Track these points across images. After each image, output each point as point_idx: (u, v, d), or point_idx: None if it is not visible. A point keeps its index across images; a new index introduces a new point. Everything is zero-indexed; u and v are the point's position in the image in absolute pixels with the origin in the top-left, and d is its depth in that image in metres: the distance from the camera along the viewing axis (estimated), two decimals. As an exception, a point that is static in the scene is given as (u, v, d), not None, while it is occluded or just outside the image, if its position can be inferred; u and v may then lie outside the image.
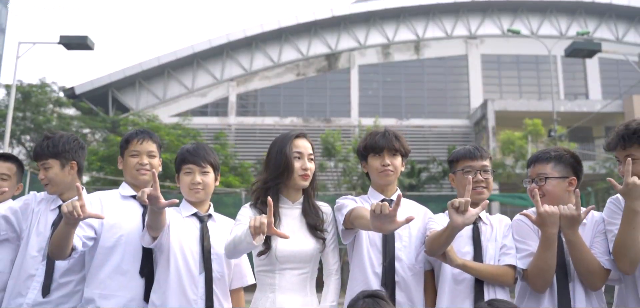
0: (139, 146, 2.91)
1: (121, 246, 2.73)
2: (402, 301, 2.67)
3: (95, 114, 27.93)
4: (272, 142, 2.80)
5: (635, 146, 2.55)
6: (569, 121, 28.51)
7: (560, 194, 2.68)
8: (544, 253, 2.51)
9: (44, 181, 2.94)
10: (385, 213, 2.18)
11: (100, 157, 21.98)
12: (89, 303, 2.68)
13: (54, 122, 25.46)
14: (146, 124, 23.23)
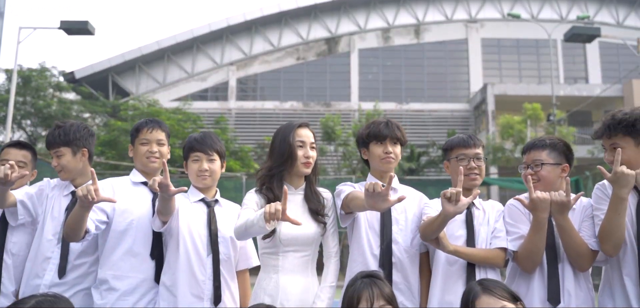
0: (149, 135, 3.05)
1: (132, 230, 2.88)
2: (398, 281, 2.82)
3: (95, 98, 28.00)
4: (276, 131, 2.94)
5: (619, 135, 2.68)
6: (568, 105, 28.61)
7: (554, 179, 2.83)
8: (534, 237, 2.66)
9: (57, 168, 3.09)
10: (379, 192, 2.33)
11: (101, 141, 22.10)
12: (102, 284, 2.84)
13: (54, 106, 25.54)
14: (146, 109, 23.29)
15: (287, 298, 2.66)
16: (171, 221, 2.80)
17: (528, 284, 2.79)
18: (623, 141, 2.68)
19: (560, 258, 2.77)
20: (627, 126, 2.68)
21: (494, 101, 28.68)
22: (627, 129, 2.68)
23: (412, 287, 2.87)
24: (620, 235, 2.56)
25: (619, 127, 2.70)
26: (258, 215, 2.41)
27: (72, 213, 2.60)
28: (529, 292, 2.77)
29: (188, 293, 2.77)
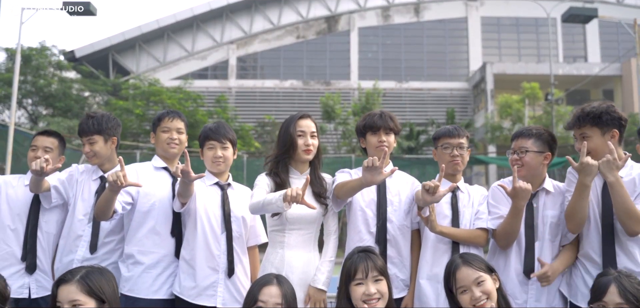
0: (170, 123, 3.40)
1: (155, 211, 3.25)
2: (392, 255, 3.20)
3: (95, 77, 28.22)
4: (282, 123, 3.29)
5: (587, 126, 3.03)
6: (567, 84, 28.86)
7: (536, 166, 3.17)
8: (512, 220, 3.03)
9: (89, 154, 3.44)
10: (376, 166, 2.75)
11: (104, 121, 22.43)
12: (129, 258, 3.21)
13: (54, 85, 25.76)
14: (147, 88, 23.52)
15: (291, 270, 3.02)
16: (190, 203, 3.16)
17: (506, 259, 3.16)
18: (591, 131, 3.03)
19: (537, 236, 3.14)
20: (594, 117, 3.03)
21: (493, 80, 28.93)
22: (594, 121, 3.02)
23: (404, 260, 3.24)
24: (582, 216, 2.92)
25: (587, 118, 3.05)
26: (278, 195, 2.76)
27: (103, 196, 2.96)
28: (507, 265, 3.15)
29: (205, 266, 3.14)
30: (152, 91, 23.05)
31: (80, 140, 3.52)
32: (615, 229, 2.94)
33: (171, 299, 3.20)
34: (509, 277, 3.13)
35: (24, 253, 3.32)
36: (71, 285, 2.27)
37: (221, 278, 3.15)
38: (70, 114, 26.47)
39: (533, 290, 3.10)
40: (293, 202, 2.69)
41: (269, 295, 2.51)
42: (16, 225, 3.36)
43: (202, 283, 3.12)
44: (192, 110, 22.80)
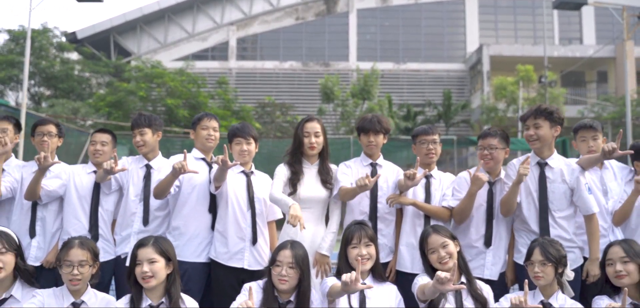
0: (208, 123, 4.30)
1: (195, 192, 4.15)
2: (381, 228, 4.10)
3: (97, 58, 28.91)
4: (296, 125, 4.23)
5: (542, 118, 3.94)
6: (562, 66, 29.69)
7: (501, 159, 4.09)
8: (466, 201, 3.93)
9: (139, 143, 4.33)
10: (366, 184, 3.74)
11: (108, 103, 23.23)
12: (175, 230, 4.12)
13: (57, 67, 26.47)
14: (150, 70, 24.23)
15: (303, 239, 3.94)
16: (222, 187, 4.08)
17: (467, 231, 4.10)
18: (543, 123, 3.94)
19: (494, 215, 4.08)
20: (548, 113, 3.96)
21: (489, 62, 29.70)
22: (546, 115, 3.96)
23: (390, 232, 4.19)
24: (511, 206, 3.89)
25: (543, 113, 3.98)
26: (288, 205, 3.72)
27: (165, 179, 3.88)
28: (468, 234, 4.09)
29: (235, 236, 4.07)
30: (155, 73, 23.77)
31: (132, 132, 4.41)
32: (549, 208, 3.88)
33: (208, 263, 4.13)
34: (472, 246, 4.07)
35: (90, 227, 4.24)
36: (148, 247, 3.21)
37: (247, 245, 4.08)
38: (73, 95, 27.26)
39: (489, 256, 4.05)
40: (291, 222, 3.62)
41: (284, 256, 3.40)
42: (83, 205, 4.28)
43: (233, 249, 4.05)
44: (195, 92, 23.58)
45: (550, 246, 3.37)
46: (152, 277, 3.13)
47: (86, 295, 3.26)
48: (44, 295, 3.19)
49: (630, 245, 3.38)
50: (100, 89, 28.83)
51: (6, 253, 3.22)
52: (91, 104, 24.49)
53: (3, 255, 3.21)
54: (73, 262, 3.18)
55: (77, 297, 3.23)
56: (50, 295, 3.20)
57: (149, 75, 23.78)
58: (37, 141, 4.35)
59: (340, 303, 3.35)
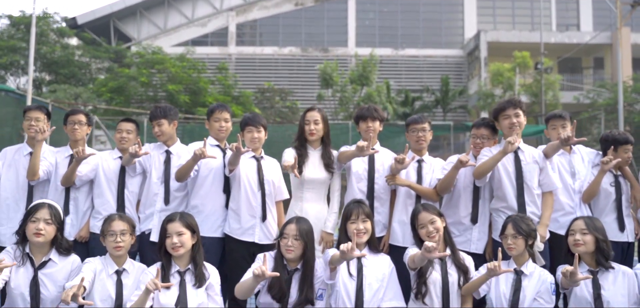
0: (220, 115, 4.81)
1: (211, 175, 4.67)
2: (377, 206, 4.64)
3: (97, 44, 29.29)
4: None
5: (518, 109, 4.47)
6: (559, 52, 30.11)
7: (489, 145, 4.64)
8: (447, 177, 4.42)
9: (158, 133, 4.84)
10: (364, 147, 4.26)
11: (110, 88, 23.70)
12: (194, 208, 4.62)
13: (58, 52, 26.86)
14: (151, 56, 24.64)
15: (308, 216, 4.46)
16: (236, 170, 4.62)
17: (456, 209, 4.64)
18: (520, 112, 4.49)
19: (480, 196, 4.62)
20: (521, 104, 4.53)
21: (487, 48, 30.14)
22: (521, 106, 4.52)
23: (384, 210, 4.73)
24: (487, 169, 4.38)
25: (519, 104, 4.54)
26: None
27: (186, 164, 4.41)
28: (457, 212, 4.63)
29: (247, 214, 4.60)
30: (156, 59, 24.20)
31: (150, 123, 4.93)
32: (524, 186, 4.42)
33: (223, 237, 4.66)
34: (460, 222, 4.61)
35: (117, 206, 4.77)
36: (176, 222, 3.75)
37: (258, 222, 4.61)
38: (73, 80, 27.67)
39: (475, 231, 4.59)
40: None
41: (290, 230, 3.93)
42: (110, 187, 4.80)
43: (245, 226, 4.58)
44: (195, 78, 24.03)
45: (522, 221, 3.91)
46: (180, 247, 3.68)
47: (127, 264, 3.80)
48: (94, 262, 3.74)
49: (592, 221, 3.93)
50: (100, 74, 29.26)
51: (51, 224, 3.77)
52: (93, 89, 24.95)
53: (48, 224, 3.75)
54: (115, 231, 3.72)
55: (119, 265, 3.78)
56: (99, 262, 3.75)
57: (150, 61, 24.21)
58: (69, 129, 4.87)
59: (341, 270, 3.90)
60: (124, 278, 3.74)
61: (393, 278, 4.05)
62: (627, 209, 4.67)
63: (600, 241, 3.81)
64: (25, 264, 3.73)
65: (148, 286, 3.45)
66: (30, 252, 3.78)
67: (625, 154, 4.66)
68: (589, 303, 3.70)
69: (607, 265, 3.77)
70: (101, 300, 3.64)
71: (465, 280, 3.93)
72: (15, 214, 4.73)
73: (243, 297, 3.90)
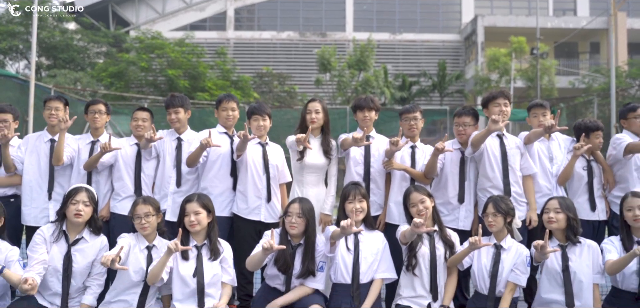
0: (227, 104, 5.26)
1: (220, 160, 5.12)
2: (373, 188, 5.10)
3: (96, 29, 29.55)
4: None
5: (507, 100, 4.97)
6: (556, 37, 30.54)
7: (470, 133, 5.09)
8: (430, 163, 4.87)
9: (174, 121, 5.27)
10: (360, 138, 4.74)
11: (110, 74, 24.06)
12: (203, 190, 5.03)
13: (57, 37, 27.15)
14: (150, 41, 24.96)
15: (308, 196, 4.94)
16: (243, 155, 5.08)
17: (446, 190, 5.12)
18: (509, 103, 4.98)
19: (466, 177, 5.09)
20: (506, 94, 5.01)
21: (483, 33, 30.53)
22: (510, 98, 4.99)
23: (381, 191, 5.20)
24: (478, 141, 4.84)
25: (508, 96, 5.02)
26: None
27: (195, 152, 4.87)
28: (446, 193, 5.10)
29: (253, 195, 5.06)
30: (156, 45, 24.53)
31: (167, 110, 5.37)
32: (509, 168, 4.90)
33: (231, 216, 5.13)
34: (449, 202, 5.09)
35: (134, 188, 5.24)
36: (193, 202, 4.22)
37: (263, 202, 5.07)
38: (72, 65, 27.98)
39: (462, 210, 5.07)
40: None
41: (293, 208, 4.37)
42: (128, 171, 5.26)
43: (251, 206, 5.05)
44: (195, 63, 24.39)
45: (501, 201, 4.39)
46: (197, 224, 4.16)
47: (156, 240, 4.28)
48: (128, 237, 4.21)
49: (565, 200, 4.41)
50: (99, 58, 29.55)
51: (89, 206, 4.25)
52: (93, 74, 25.30)
53: (87, 206, 4.22)
54: (140, 215, 4.18)
55: (149, 241, 4.25)
56: (132, 238, 4.22)
57: (150, 46, 24.55)
58: (90, 118, 5.33)
59: (340, 245, 4.39)
60: (154, 253, 4.21)
61: (386, 252, 4.53)
62: (598, 191, 5.16)
63: (571, 219, 4.28)
64: (59, 240, 4.20)
65: (170, 246, 3.94)
66: (66, 230, 4.25)
67: (596, 140, 5.12)
68: (558, 274, 4.18)
69: (576, 240, 4.25)
70: (134, 272, 4.12)
71: (451, 253, 4.41)
72: (38, 195, 5.20)
73: (253, 268, 4.38)
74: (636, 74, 25.15)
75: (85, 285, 4.24)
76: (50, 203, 5.18)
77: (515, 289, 4.24)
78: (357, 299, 4.27)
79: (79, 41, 28.10)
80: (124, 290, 4.17)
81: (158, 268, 3.99)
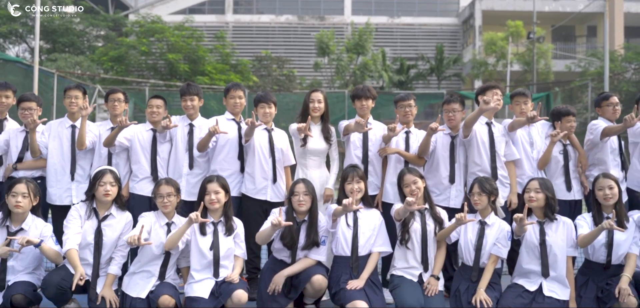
0: (235, 93, 5.73)
1: (228, 144, 5.60)
2: (371, 170, 5.59)
3: (95, 12, 29.83)
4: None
5: (498, 89, 5.48)
6: (554, 20, 30.94)
7: (459, 119, 5.55)
8: (424, 142, 5.38)
9: (189, 108, 5.73)
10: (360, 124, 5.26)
11: (111, 57, 24.45)
12: (214, 172, 5.52)
13: (57, 21, 27.45)
14: (151, 25, 25.32)
15: (311, 179, 5.43)
16: (251, 140, 5.58)
17: (437, 171, 5.62)
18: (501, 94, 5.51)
19: (456, 160, 5.60)
20: (500, 87, 5.52)
21: (481, 17, 30.91)
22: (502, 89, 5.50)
23: (377, 173, 5.69)
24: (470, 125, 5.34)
25: (501, 88, 5.53)
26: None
27: (204, 138, 5.35)
28: (438, 174, 5.61)
29: (260, 177, 5.56)
30: (156, 29, 24.90)
31: (182, 98, 5.83)
32: (495, 154, 5.41)
33: (239, 196, 5.62)
34: (441, 183, 5.58)
35: (151, 170, 5.72)
36: (214, 182, 4.73)
37: (269, 183, 5.57)
38: (72, 49, 28.31)
39: (453, 190, 5.58)
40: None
41: (299, 188, 4.88)
42: (145, 154, 5.74)
43: (259, 186, 5.55)
44: (194, 46, 24.77)
45: (485, 182, 4.90)
46: (216, 203, 4.67)
47: (175, 218, 4.78)
48: (150, 215, 4.72)
49: (544, 181, 4.91)
50: (98, 42, 29.88)
51: (115, 185, 4.75)
52: (94, 58, 25.67)
53: (113, 186, 4.73)
54: (163, 194, 4.69)
55: (169, 218, 4.76)
56: (153, 215, 4.73)
57: (151, 30, 24.92)
58: (110, 106, 5.81)
59: (340, 221, 4.90)
60: (173, 229, 4.71)
61: (382, 228, 5.04)
62: (574, 172, 5.67)
63: (549, 198, 4.79)
64: (91, 217, 4.71)
65: (191, 216, 4.46)
66: (96, 207, 4.76)
67: (568, 124, 5.62)
68: (536, 247, 4.70)
69: (552, 217, 4.76)
70: (155, 246, 4.63)
71: (440, 229, 4.93)
72: (62, 177, 5.67)
73: (262, 242, 4.89)
74: (631, 58, 25.62)
75: (111, 256, 4.75)
76: (72, 183, 5.66)
77: (497, 261, 4.76)
78: (356, 270, 4.79)
79: (78, 25, 28.41)
80: (147, 262, 4.68)
81: (177, 236, 4.53)
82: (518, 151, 5.59)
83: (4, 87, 5.83)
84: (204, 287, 4.55)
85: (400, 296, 4.66)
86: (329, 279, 4.88)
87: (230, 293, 4.46)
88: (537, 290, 4.62)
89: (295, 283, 4.79)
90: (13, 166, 5.61)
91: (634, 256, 4.64)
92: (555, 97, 22.00)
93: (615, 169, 5.64)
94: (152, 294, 4.53)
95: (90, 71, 24.71)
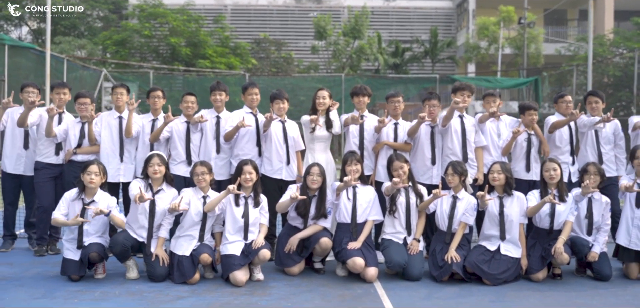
0: (252, 90, 7.04)
1: (248, 134, 6.91)
2: (366, 155, 6.94)
3: (96, -6, 30.81)
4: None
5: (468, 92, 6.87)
6: (546, 4, 32.14)
7: (437, 112, 6.91)
8: (413, 127, 6.71)
9: (218, 102, 7.06)
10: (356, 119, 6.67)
11: (114, 41, 25.62)
12: (237, 156, 6.81)
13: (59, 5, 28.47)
14: (151, 10, 26.38)
15: (320, 161, 6.79)
16: (268, 130, 6.94)
17: (421, 155, 6.99)
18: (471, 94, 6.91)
19: (435, 145, 6.97)
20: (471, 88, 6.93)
21: (475, 0, 32.08)
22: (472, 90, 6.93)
23: (371, 158, 7.09)
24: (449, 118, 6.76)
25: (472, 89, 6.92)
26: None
27: (232, 130, 6.70)
28: (421, 157, 6.97)
29: (276, 160, 6.91)
30: (156, 13, 26.01)
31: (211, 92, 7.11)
32: (466, 141, 6.79)
33: (258, 176, 7.04)
34: (424, 164, 6.95)
35: (185, 156, 7.04)
36: (249, 165, 6.07)
37: (284, 165, 6.91)
38: (73, 31, 29.38)
39: (435, 170, 6.95)
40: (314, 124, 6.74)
41: (314, 170, 6.22)
42: (181, 142, 7.06)
43: (275, 168, 6.89)
44: (195, 30, 25.94)
45: (458, 165, 6.29)
46: (250, 181, 6.06)
47: (209, 192, 6.13)
48: (189, 191, 6.08)
49: (505, 165, 6.31)
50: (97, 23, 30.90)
51: (162, 165, 6.10)
52: (97, 41, 26.82)
53: (160, 166, 6.06)
54: (198, 173, 6.05)
55: (204, 192, 6.11)
56: (191, 191, 6.09)
57: (153, 14, 26.04)
58: (150, 101, 7.17)
59: (342, 196, 6.29)
60: (207, 201, 6.08)
61: (376, 202, 6.42)
62: (535, 157, 7.03)
63: (508, 178, 6.18)
64: (147, 192, 6.08)
65: (229, 187, 5.86)
66: (151, 184, 6.13)
67: (529, 117, 6.98)
68: (496, 217, 6.10)
69: (510, 193, 6.17)
70: (195, 214, 5.98)
71: (421, 202, 6.34)
72: (113, 160, 7.01)
73: (281, 211, 6.29)
74: (619, 43, 26.93)
75: (161, 223, 6.12)
76: (121, 164, 7.02)
77: (466, 227, 6.16)
78: (355, 234, 6.19)
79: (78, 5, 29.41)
80: (189, 227, 6.04)
81: (215, 201, 5.92)
82: (486, 139, 6.97)
83: (61, 85, 7.20)
84: (236, 246, 5.94)
85: (389, 254, 6.07)
86: (333, 241, 6.28)
87: (257, 251, 5.87)
88: (496, 249, 6.03)
89: (306, 245, 6.19)
90: (73, 151, 6.97)
91: (570, 224, 6.05)
92: (543, 81, 23.35)
93: (565, 155, 7.04)
94: (195, 251, 5.92)
95: (93, 55, 25.87)
